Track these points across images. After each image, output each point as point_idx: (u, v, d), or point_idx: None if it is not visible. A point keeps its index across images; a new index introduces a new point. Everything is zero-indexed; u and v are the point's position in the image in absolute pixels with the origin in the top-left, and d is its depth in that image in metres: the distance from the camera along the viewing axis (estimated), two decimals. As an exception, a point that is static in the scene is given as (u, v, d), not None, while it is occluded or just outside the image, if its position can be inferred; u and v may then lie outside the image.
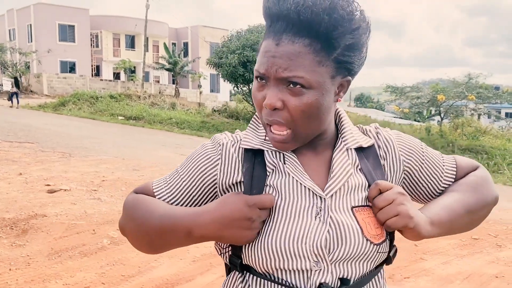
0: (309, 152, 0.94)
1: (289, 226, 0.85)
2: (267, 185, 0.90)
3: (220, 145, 0.93)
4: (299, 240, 0.84)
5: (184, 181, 0.95)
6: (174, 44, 39.66)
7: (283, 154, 0.92)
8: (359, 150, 0.95)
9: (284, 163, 0.91)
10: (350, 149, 0.94)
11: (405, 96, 15.40)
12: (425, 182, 1.01)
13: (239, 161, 0.92)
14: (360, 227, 0.87)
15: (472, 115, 15.64)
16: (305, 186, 0.89)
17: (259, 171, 0.91)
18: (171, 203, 0.95)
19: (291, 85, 0.83)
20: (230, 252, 0.93)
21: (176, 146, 12.09)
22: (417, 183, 1.01)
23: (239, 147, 0.94)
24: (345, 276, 0.87)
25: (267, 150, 0.93)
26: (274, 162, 0.92)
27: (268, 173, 0.91)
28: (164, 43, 31.68)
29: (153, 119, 18.51)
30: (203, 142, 0.99)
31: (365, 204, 0.90)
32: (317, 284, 0.86)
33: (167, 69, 29.18)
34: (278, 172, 0.91)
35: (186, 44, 42.08)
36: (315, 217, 0.86)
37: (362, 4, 0.84)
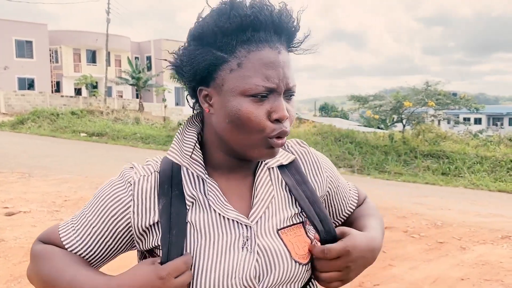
0: (235, 175, 0.90)
1: (217, 265, 0.81)
2: (187, 222, 0.84)
3: (130, 184, 0.86)
4: (228, 276, 0.80)
5: (94, 228, 0.87)
6: (137, 58, 39.25)
7: (203, 182, 0.87)
8: (282, 167, 0.94)
9: (205, 194, 0.86)
10: (272, 168, 0.93)
11: (368, 104, 15.73)
12: (336, 205, 1.06)
13: (154, 197, 0.85)
14: (288, 250, 0.85)
15: (433, 121, 16.11)
16: (228, 218, 0.84)
17: (178, 206, 0.84)
18: (85, 255, 0.88)
19: (290, 96, 0.84)
20: None
21: (141, 162, 11.85)
22: (330, 205, 1.05)
23: (154, 179, 0.87)
24: None
25: (185, 178, 0.87)
26: (193, 194, 0.86)
27: (188, 207, 0.85)
28: (128, 57, 31.29)
29: (116, 135, 18.14)
30: (110, 179, 0.90)
31: (291, 223, 0.89)
32: None
33: (131, 84, 28.78)
34: (198, 206, 0.85)
35: (149, 58, 41.70)
36: (242, 248, 0.83)
37: (324, 16, 0.84)
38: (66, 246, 0.88)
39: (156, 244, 0.85)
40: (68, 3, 34.19)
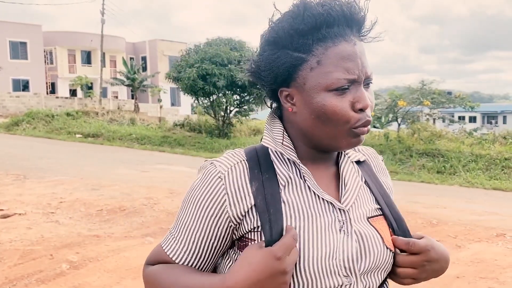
0: (318, 166, 0.92)
1: (317, 245, 0.82)
2: (283, 202, 0.85)
3: (220, 178, 0.86)
4: (329, 257, 0.82)
5: (196, 233, 0.87)
6: (132, 58, 39.10)
7: (295, 166, 0.90)
8: (357, 164, 0.98)
9: (301, 176, 0.88)
10: (352, 162, 0.97)
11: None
12: None
13: (246, 183, 0.86)
14: (381, 236, 0.88)
15: (428, 120, 16.15)
16: (323, 199, 0.87)
17: (271, 187, 0.86)
18: (194, 263, 0.88)
19: (368, 84, 0.86)
20: None
21: (137, 163, 11.85)
22: None
23: (243, 167, 0.88)
24: (369, 287, 0.87)
25: (277, 163, 0.89)
26: (288, 175, 0.88)
27: (281, 188, 0.86)
28: (123, 58, 31.19)
29: (112, 136, 18.08)
30: (194, 180, 0.91)
31: (377, 214, 0.92)
32: None
33: (126, 85, 28.69)
34: (293, 186, 0.87)
35: (144, 58, 41.59)
36: (340, 230, 0.85)
37: None
38: (174, 259, 0.89)
39: (252, 227, 0.85)
40: (63, 3, 34.03)
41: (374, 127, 23.55)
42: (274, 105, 0.96)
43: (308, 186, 0.87)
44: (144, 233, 5.29)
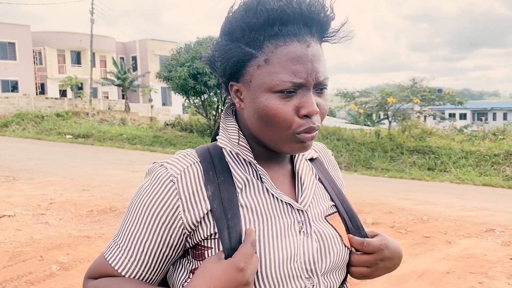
0: (272, 165, 0.89)
1: (278, 248, 0.79)
2: (241, 205, 0.81)
3: (172, 182, 0.80)
4: (290, 260, 0.79)
5: (146, 243, 0.80)
6: (122, 58, 38.85)
7: (251, 167, 0.86)
8: (310, 161, 0.97)
9: (257, 177, 0.85)
10: (306, 160, 0.95)
11: (354, 101, 15.84)
12: None
13: (201, 187, 0.81)
14: (339, 234, 0.87)
15: (418, 117, 16.27)
16: (281, 201, 0.84)
17: (227, 190, 0.81)
18: (142, 276, 0.82)
19: (321, 89, 0.82)
20: None
21: (127, 163, 11.79)
22: None
23: (197, 169, 0.82)
24: (330, 287, 0.86)
25: (232, 164, 0.85)
26: (243, 178, 0.84)
27: (238, 191, 0.82)
28: (113, 58, 31.02)
29: (102, 136, 17.99)
30: (142, 184, 0.84)
31: (333, 211, 0.91)
32: None
33: (116, 85, 28.53)
34: (250, 188, 0.83)
35: (134, 58, 41.37)
36: (299, 232, 0.83)
37: None
38: (119, 271, 0.81)
39: (208, 234, 0.80)
40: (51, 3, 33.58)
41: (366, 125, 23.65)
42: (228, 100, 0.91)
43: (266, 188, 0.84)
44: (135, 233, 5.27)
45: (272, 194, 0.84)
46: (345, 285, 0.94)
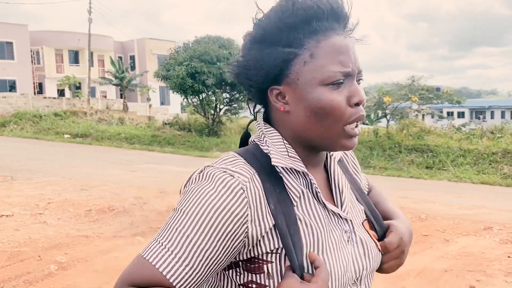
0: (313, 171, 0.88)
1: (334, 262, 0.80)
2: (299, 219, 0.80)
3: (243, 190, 0.76)
4: (345, 271, 0.82)
5: (208, 252, 0.74)
6: (120, 57, 38.79)
7: (302, 176, 0.85)
8: (338, 163, 0.97)
9: (311, 188, 0.84)
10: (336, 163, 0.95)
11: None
12: None
13: (264, 199, 0.78)
14: (374, 241, 0.89)
15: (417, 116, 16.27)
16: (329, 211, 0.84)
17: (285, 204, 0.80)
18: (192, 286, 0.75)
19: (360, 79, 0.84)
20: None
21: (126, 163, 11.78)
22: None
23: (258, 180, 0.79)
24: None
25: (282, 172, 0.83)
26: (300, 189, 0.83)
27: (294, 204, 0.81)
28: (111, 57, 30.96)
29: (101, 136, 17.97)
30: (201, 188, 0.76)
31: (365, 217, 0.93)
32: None
33: (114, 84, 28.49)
34: (305, 201, 0.83)
35: (133, 57, 41.31)
36: (348, 241, 0.84)
37: None
38: (171, 281, 0.73)
39: (271, 249, 0.78)
40: (49, 2, 33.40)
41: (364, 123, 23.68)
42: (262, 110, 0.90)
43: (318, 199, 0.84)
44: (134, 232, 5.27)
45: (323, 205, 0.84)
46: None
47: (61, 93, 37.30)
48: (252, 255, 0.78)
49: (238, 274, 0.81)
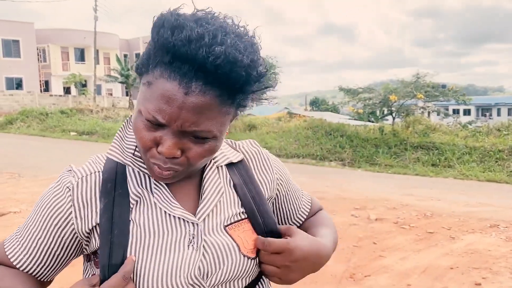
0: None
1: (161, 263, 0.79)
2: (131, 220, 0.81)
3: (68, 189, 0.83)
4: (173, 275, 0.78)
5: (39, 240, 0.84)
6: (125, 55, 38.95)
7: (149, 179, 0.85)
8: (230, 165, 0.93)
9: (151, 191, 0.84)
10: (221, 166, 0.92)
11: (358, 97, 15.79)
12: (285, 210, 1.04)
13: (95, 198, 0.82)
14: (237, 245, 0.84)
15: (422, 113, 16.20)
16: (174, 216, 0.82)
17: (121, 205, 0.82)
18: (34, 270, 0.86)
19: (196, 138, 0.76)
20: None
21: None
22: (278, 209, 1.03)
23: (95, 179, 0.84)
24: None
25: (131, 176, 0.85)
26: (138, 192, 0.83)
27: (131, 206, 0.82)
28: (116, 55, 31.08)
29: (107, 133, 18.04)
30: (50, 185, 0.88)
31: (238, 219, 0.88)
32: None
33: (120, 82, 28.61)
34: (143, 204, 0.83)
35: (138, 55, 41.39)
36: (188, 246, 0.81)
37: (315, 10, 0.76)
38: (14, 263, 0.86)
39: (98, 246, 0.82)
40: (54, 0, 33.62)
41: (369, 121, 23.62)
42: None
43: (158, 205, 0.83)
44: (140, 229, 5.30)
45: (165, 211, 0.83)
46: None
47: (67, 90, 37.50)
48: (94, 249, 0.84)
49: (90, 267, 0.87)
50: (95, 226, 0.82)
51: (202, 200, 0.86)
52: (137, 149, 0.85)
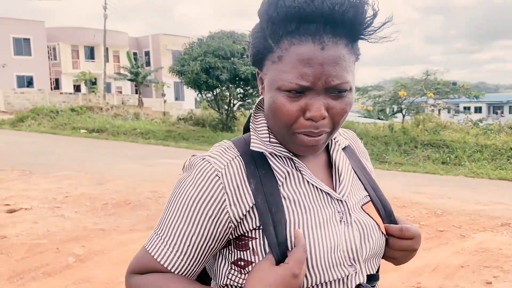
0: (308, 156, 0.89)
1: (322, 239, 0.80)
2: (283, 197, 0.82)
3: (218, 176, 0.81)
4: (334, 249, 0.81)
5: (193, 237, 0.81)
6: (135, 53, 39.11)
7: (290, 161, 0.86)
8: (344, 149, 0.97)
9: (297, 170, 0.86)
10: (341, 149, 0.95)
11: (367, 95, 15.71)
12: None
13: (244, 181, 0.81)
14: (377, 223, 0.89)
15: (433, 111, 16.07)
16: (321, 191, 0.85)
17: (269, 184, 0.82)
18: (187, 270, 0.83)
19: (338, 92, 0.78)
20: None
21: (141, 157, 11.87)
22: None
23: (239, 163, 0.83)
24: (370, 273, 0.88)
25: (271, 160, 0.85)
26: (284, 168, 0.85)
27: (279, 184, 0.83)
28: (127, 52, 31.21)
29: (116, 131, 18.13)
30: (183, 177, 0.84)
31: (367, 200, 0.92)
32: (354, 286, 0.85)
33: (130, 79, 28.74)
34: (292, 180, 0.84)
35: (147, 53, 41.58)
36: (340, 221, 0.84)
37: None
38: (166, 266, 0.81)
39: (253, 227, 0.81)
40: (65, -1, 33.56)
41: (379, 118, 23.50)
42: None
43: (306, 179, 0.85)
44: (150, 226, 5.32)
45: (312, 185, 0.85)
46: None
47: (77, 88, 37.77)
48: (240, 233, 0.82)
49: (230, 252, 0.85)
50: (251, 208, 0.81)
51: (341, 179, 0.89)
52: (271, 136, 0.86)
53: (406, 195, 7.35)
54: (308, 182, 0.85)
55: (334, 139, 0.94)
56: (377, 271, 0.92)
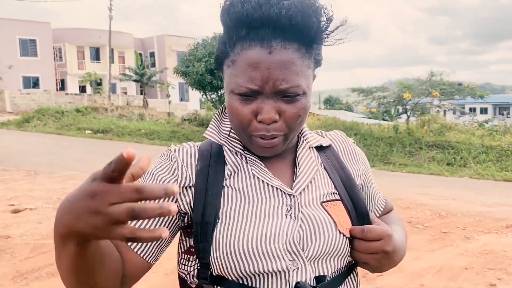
0: (273, 157, 0.90)
1: (259, 227, 0.81)
2: (226, 186, 0.85)
3: (171, 151, 0.88)
4: (271, 239, 0.80)
5: None
6: (140, 54, 39.24)
7: (245, 156, 0.89)
8: (320, 149, 0.96)
9: (248, 164, 0.88)
10: (312, 147, 0.95)
11: (372, 96, 15.66)
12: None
13: (193, 161, 0.87)
14: (334, 221, 0.85)
15: (438, 112, 16.01)
16: (272, 186, 0.86)
17: (216, 170, 0.86)
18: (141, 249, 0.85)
19: (288, 96, 0.80)
20: (197, 266, 0.85)
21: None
22: None
23: (194, 150, 0.89)
24: (320, 274, 0.84)
25: (227, 151, 0.89)
26: (236, 162, 0.88)
27: (228, 174, 0.86)
28: (135, 52, 31.25)
29: (121, 131, 18.19)
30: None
31: (333, 198, 0.90)
32: (293, 283, 0.81)
33: (135, 80, 28.83)
34: (241, 174, 0.87)
35: (152, 54, 41.70)
36: (286, 215, 0.83)
37: (327, 7, 0.82)
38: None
39: (190, 208, 0.85)
40: (70, 0, 33.86)
41: (384, 119, 23.42)
42: None
43: (255, 174, 0.86)
44: (153, 226, 5.33)
45: (263, 181, 0.86)
46: (351, 277, 0.92)
47: (82, 89, 37.93)
48: (185, 210, 0.85)
49: (182, 241, 0.89)
50: (190, 186, 0.85)
51: (298, 174, 0.89)
52: (232, 131, 0.90)
53: (411, 197, 7.32)
54: (258, 177, 0.86)
55: (305, 138, 0.95)
56: (343, 275, 0.88)
